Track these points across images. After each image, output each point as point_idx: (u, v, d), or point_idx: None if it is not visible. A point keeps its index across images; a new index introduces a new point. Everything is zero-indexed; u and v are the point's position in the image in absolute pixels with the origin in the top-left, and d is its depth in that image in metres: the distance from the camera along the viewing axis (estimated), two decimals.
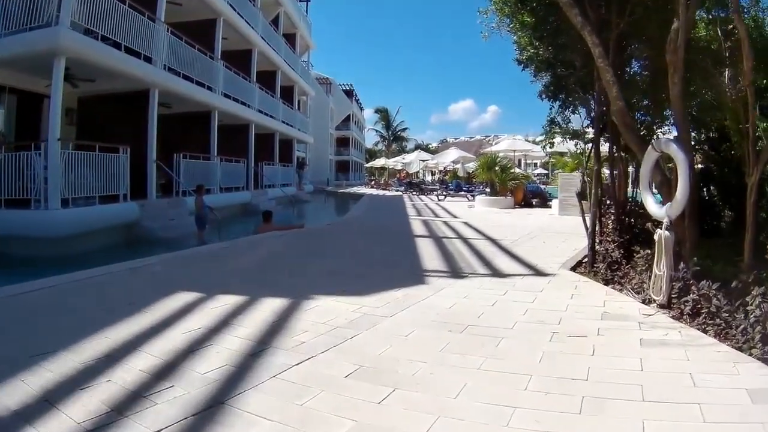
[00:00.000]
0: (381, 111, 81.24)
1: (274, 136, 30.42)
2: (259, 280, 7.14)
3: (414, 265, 8.30)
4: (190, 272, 7.67)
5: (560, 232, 13.08)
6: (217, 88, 21.78)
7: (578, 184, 17.08)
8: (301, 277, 7.32)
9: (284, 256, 9.35)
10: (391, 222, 15.99)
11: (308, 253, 9.47)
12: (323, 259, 8.92)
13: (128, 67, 15.45)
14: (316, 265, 8.22)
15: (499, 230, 13.13)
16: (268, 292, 6.22)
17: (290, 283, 6.89)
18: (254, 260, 8.81)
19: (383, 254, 9.62)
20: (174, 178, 17.94)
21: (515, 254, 9.43)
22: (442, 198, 28.53)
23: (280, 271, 7.75)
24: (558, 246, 10.56)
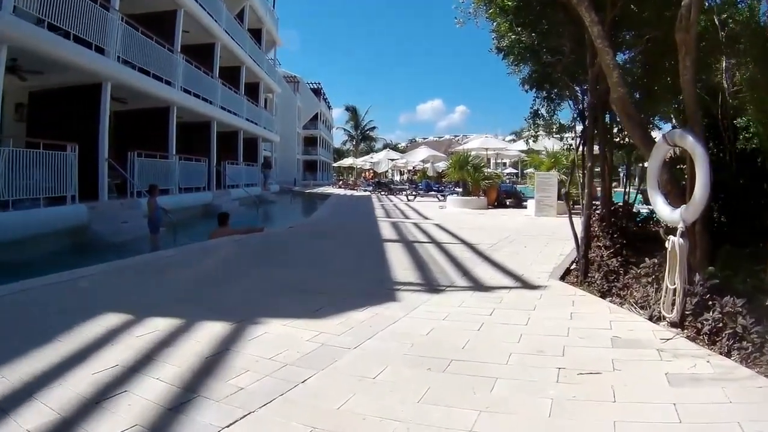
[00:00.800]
0: (350, 109, 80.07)
1: (238, 135, 29.13)
2: (202, 297, 6.01)
3: (383, 276, 7.26)
4: (124, 287, 6.50)
5: (540, 234, 12.21)
6: (176, 82, 20.52)
7: (556, 184, 16.37)
8: (252, 292, 6.20)
9: (236, 265, 8.18)
10: (358, 224, 14.94)
11: (264, 262, 8.36)
12: (281, 269, 7.80)
13: (78, 58, 14.16)
14: (271, 277, 7.12)
15: (474, 233, 12.18)
16: (211, 313, 5.12)
17: (239, 301, 5.79)
18: (201, 271, 7.65)
19: (349, 262, 8.54)
20: (127, 178, 16.65)
21: (496, 261, 8.46)
22: (411, 198, 27.52)
23: (229, 286, 6.61)
24: (541, 251, 9.65)
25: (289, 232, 12.36)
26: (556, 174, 17.08)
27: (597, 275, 6.79)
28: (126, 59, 16.77)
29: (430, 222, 15.00)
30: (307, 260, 8.65)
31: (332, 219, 16.30)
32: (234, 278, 7.06)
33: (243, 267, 7.94)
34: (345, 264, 8.34)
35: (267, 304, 5.58)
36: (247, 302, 5.67)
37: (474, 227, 13.69)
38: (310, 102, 67.13)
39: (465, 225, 14.20)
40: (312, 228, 13.77)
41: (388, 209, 20.58)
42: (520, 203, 20.85)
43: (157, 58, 18.93)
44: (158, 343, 4.28)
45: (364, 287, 6.52)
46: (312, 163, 69.98)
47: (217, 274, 7.46)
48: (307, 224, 14.99)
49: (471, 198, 20.07)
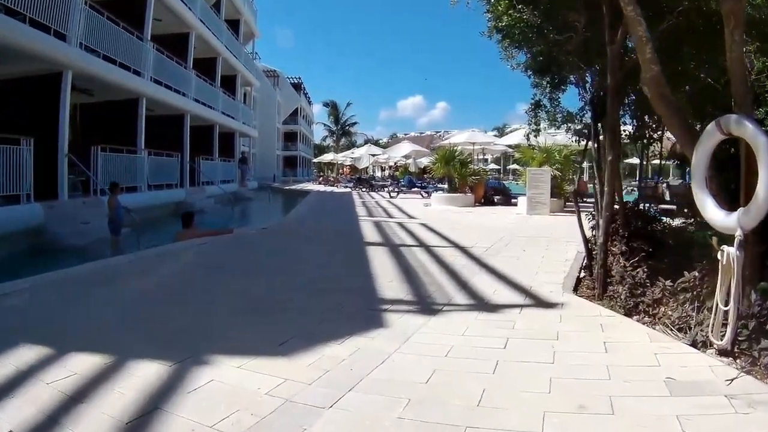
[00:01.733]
0: (330, 104, 78.47)
1: (214, 129, 27.77)
2: (146, 319, 4.82)
3: (367, 290, 6.13)
4: (59, 306, 5.26)
5: (537, 236, 11.23)
6: (146, 72, 19.19)
7: (548, 180, 15.36)
8: (205, 315, 5.01)
9: (195, 276, 6.99)
10: (338, 224, 13.79)
11: (228, 272, 7.18)
12: (246, 280, 6.62)
13: (35, 44, 12.81)
14: (233, 293, 5.93)
15: (465, 234, 11.13)
16: (150, 346, 3.97)
17: (189, 325, 4.62)
18: (154, 284, 6.45)
19: (326, 272, 7.34)
20: (89, 174, 15.35)
21: (496, 269, 7.38)
22: (394, 195, 26.35)
23: (182, 303, 5.43)
24: (543, 255, 8.62)
25: (262, 233, 11.15)
26: (549, 170, 16.06)
27: (620, 289, 5.74)
28: (90, 46, 15.45)
29: (416, 221, 13.91)
30: (278, 269, 7.47)
31: (310, 218, 15.15)
32: (190, 293, 5.89)
33: (202, 278, 6.74)
34: (322, 274, 7.16)
35: (223, 332, 4.43)
36: (198, 328, 4.52)
37: (463, 227, 12.62)
38: (291, 97, 65.61)
39: (453, 225, 13.14)
40: (287, 228, 12.61)
41: (370, 207, 19.43)
42: (508, 200, 19.82)
43: (125, 45, 17.58)
44: (71, 395, 3.14)
45: (343, 306, 5.39)
46: (292, 158, 68.49)
47: (172, 286, 6.27)
48: (282, 224, 13.87)
49: (457, 195, 18.99)
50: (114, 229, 12.58)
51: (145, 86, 19.07)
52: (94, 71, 15.72)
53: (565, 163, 17.28)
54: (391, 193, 26.84)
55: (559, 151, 17.32)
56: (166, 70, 21.08)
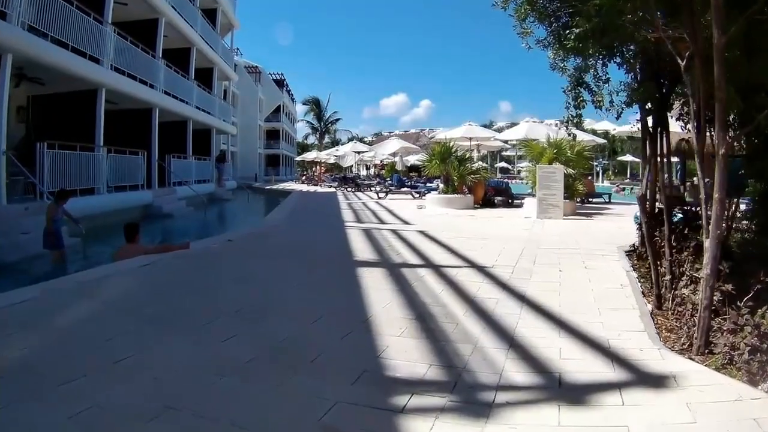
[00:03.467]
0: (311, 101, 75.84)
1: (187, 125, 25.37)
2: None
3: (368, 357, 3.96)
4: None
5: (562, 247, 9.27)
6: (105, 60, 16.86)
7: (561, 179, 13.40)
8: (104, 415, 2.89)
9: (114, 326, 4.65)
10: (321, 233, 11.60)
11: (165, 316, 4.93)
12: (189, 333, 4.44)
13: None
14: (159, 364, 3.74)
15: (475, 246, 9.11)
16: None
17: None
18: (47, 342, 4.18)
19: (304, 317, 4.92)
20: (29, 176, 13.07)
21: (542, 307, 5.32)
22: (382, 195, 24.15)
23: (71, 392, 3.26)
24: (588, 278, 6.71)
25: (227, 247, 8.87)
26: (562, 168, 14.04)
27: (731, 339, 3.74)
28: (34, 26, 13.19)
29: (413, 228, 11.80)
30: (235, 312, 5.09)
31: (289, 225, 12.93)
32: (92, 365, 3.68)
33: (122, 331, 4.45)
34: (298, 321, 4.83)
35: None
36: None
37: (471, 236, 10.58)
38: (273, 93, 63.08)
39: (458, 232, 11.11)
40: (259, 240, 10.37)
41: (358, 210, 17.25)
42: (510, 202, 17.79)
43: (80, 28, 15.28)
44: None
45: (332, 404, 3.15)
46: (274, 157, 65.85)
47: (69, 350, 4.02)
48: (254, 234, 11.38)
49: (456, 196, 16.88)
50: (50, 243, 10.31)
51: (104, 75, 16.76)
52: (42, 56, 13.48)
53: (577, 159, 15.27)
54: (379, 194, 24.61)
55: (571, 147, 15.33)
56: (130, 58, 18.75)
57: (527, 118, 18.09)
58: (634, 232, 11.39)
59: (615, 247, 9.25)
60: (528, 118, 18.02)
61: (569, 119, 8.13)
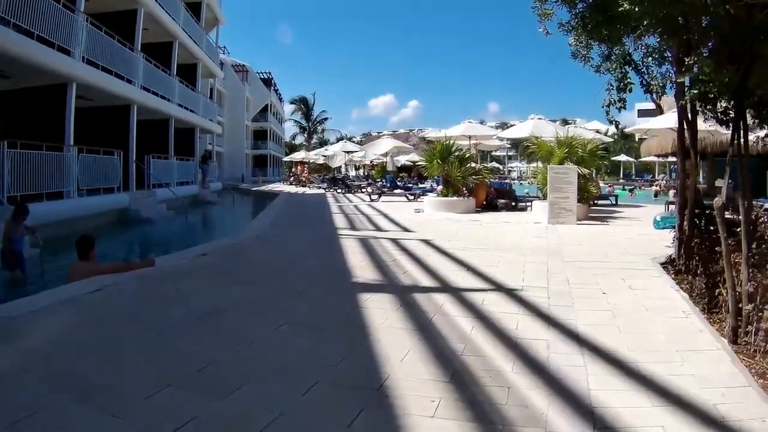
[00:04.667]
0: (299, 100, 73.94)
1: (168, 123, 23.89)
2: None
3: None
4: None
5: (591, 260, 8.00)
6: (76, 51, 15.36)
7: (575, 181, 12.13)
8: None
9: (19, 394, 3.22)
10: (310, 245, 9.92)
11: (97, 379, 3.44)
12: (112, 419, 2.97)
13: None
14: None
15: (493, 260, 7.78)
16: None
17: None
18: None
19: (291, 384, 3.36)
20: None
21: (612, 354, 3.96)
22: (375, 198, 22.65)
23: None
24: (643, 304, 5.42)
25: (198, 266, 7.34)
26: (576, 168, 12.71)
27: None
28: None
29: (415, 237, 10.43)
30: (187, 379, 3.47)
31: (274, 234, 11.33)
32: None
33: (29, 404, 3.10)
34: (282, 395, 3.25)
35: None
36: None
37: (483, 246, 9.23)
38: (260, 92, 61.56)
39: (466, 241, 9.77)
40: (238, 255, 8.61)
41: (350, 215, 15.76)
42: (514, 205, 16.43)
43: (47, 15, 13.83)
44: None
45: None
46: (262, 157, 64.16)
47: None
48: (233, 247, 9.48)
49: (456, 199, 15.48)
50: (10, 264, 8.82)
51: (75, 68, 15.28)
52: (2, 45, 12.02)
53: (589, 159, 13.96)
54: (371, 196, 23.11)
55: (582, 145, 14.03)
56: (105, 50, 17.27)
57: (532, 115, 16.77)
58: (658, 240, 10.20)
59: (648, 259, 8.01)
60: (533, 115, 16.71)
61: (611, 103, 6.86)
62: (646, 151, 29.04)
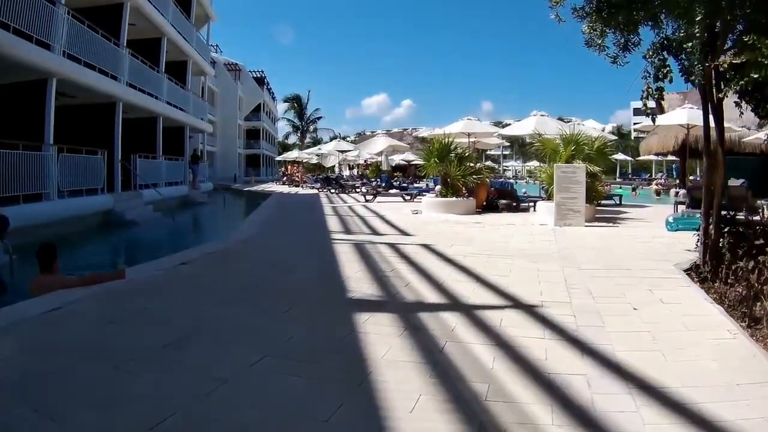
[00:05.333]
0: (292, 99, 72.74)
1: (157, 122, 23.04)
2: None
3: None
4: None
5: (609, 266, 7.32)
6: (56, 45, 14.49)
7: (583, 181, 11.39)
8: None
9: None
10: (301, 251, 9.09)
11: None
12: None
13: None
14: None
15: (503, 268, 7.04)
16: None
17: None
18: None
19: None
20: None
21: (664, 393, 3.18)
22: (370, 198, 21.80)
23: None
24: (681, 321, 4.73)
25: (175, 278, 6.46)
26: (585, 167, 11.92)
27: None
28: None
29: (415, 241, 9.64)
30: (154, 420, 2.80)
31: (262, 240, 10.42)
32: None
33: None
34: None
35: None
36: None
37: (489, 252, 8.45)
38: (253, 91, 60.47)
39: (470, 246, 9.01)
40: (221, 265, 7.70)
41: (345, 216, 14.96)
42: (516, 206, 15.63)
43: (24, 7, 12.96)
44: None
45: None
46: (255, 157, 63.01)
47: None
48: (217, 254, 8.52)
49: (456, 200, 14.67)
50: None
51: (55, 63, 14.40)
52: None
53: (597, 157, 13.18)
54: (366, 196, 22.26)
55: (590, 143, 13.27)
56: (88, 45, 16.39)
57: (534, 112, 15.95)
58: (674, 243, 9.47)
59: (670, 265, 7.33)
60: (536, 111, 15.90)
61: (648, 93, 6.12)
62: (646, 150, 28.45)
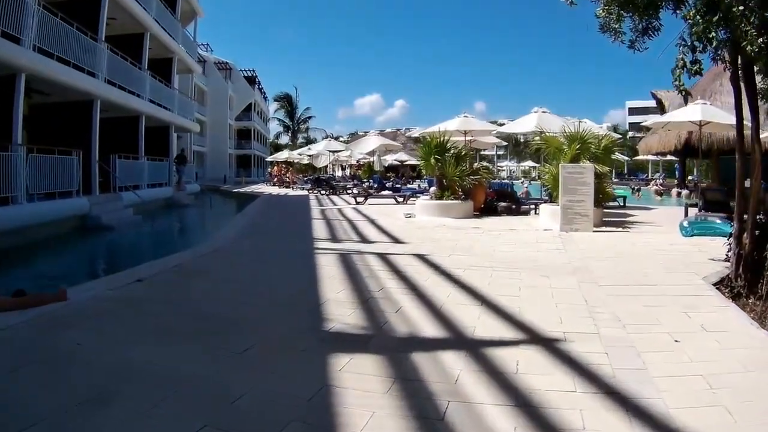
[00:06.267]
0: (282, 97, 71.17)
1: (139, 121, 21.90)
2: None
3: None
4: None
5: (631, 283, 6.28)
6: (26, 39, 13.39)
7: (592, 182, 10.45)
8: None
9: None
10: (279, 263, 7.91)
11: None
12: None
13: None
14: None
15: (512, 287, 6.05)
16: None
17: None
18: None
19: None
20: None
21: None
22: (360, 200, 20.65)
23: None
24: (736, 358, 3.76)
25: (123, 301, 5.21)
26: (593, 167, 10.91)
27: None
28: None
29: (407, 250, 8.61)
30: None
31: (237, 249, 9.29)
32: None
33: None
34: None
35: None
36: None
37: (493, 263, 7.44)
38: (244, 91, 59.31)
39: (471, 256, 8.02)
40: (181, 283, 6.52)
41: (332, 220, 13.92)
42: (516, 208, 14.62)
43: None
44: None
45: None
46: (246, 158, 61.73)
47: None
48: (181, 268, 7.28)
49: (453, 202, 13.64)
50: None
51: (24, 57, 13.30)
52: None
53: (604, 156, 12.16)
54: (357, 198, 21.24)
55: (596, 141, 12.26)
56: (62, 39, 15.27)
57: (536, 108, 14.87)
58: (694, 251, 8.55)
59: (698, 278, 6.46)
60: (537, 108, 14.82)
61: (684, 65, 5.15)
62: (645, 150, 27.52)
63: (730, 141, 22.28)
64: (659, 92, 27.10)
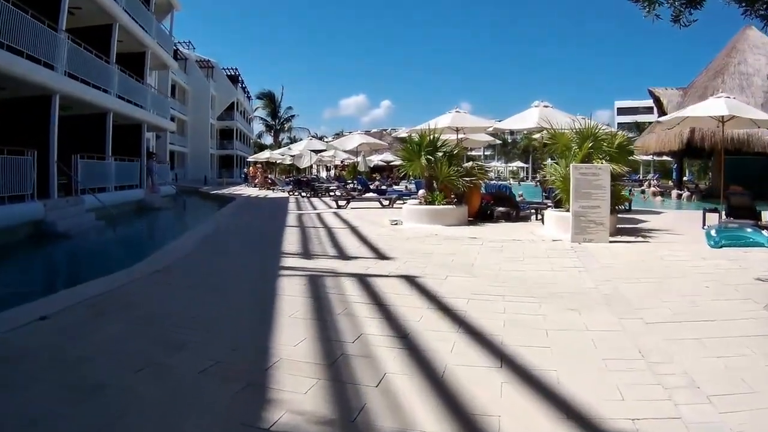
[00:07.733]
0: (265, 96, 69.02)
1: (106, 118, 20.20)
2: None
3: None
4: None
5: (681, 319, 4.71)
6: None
7: (608, 185, 9.01)
8: None
9: None
10: (229, 292, 6.01)
11: None
12: None
13: None
14: None
15: (535, 328, 4.60)
16: None
17: None
18: None
19: None
20: None
21: None
22: (343, 204, 18.97)
23: None
24: None
25: (10, 350, 3.90)
26: (609, 167, 9.40)
27: None
28: None
29: (394, 271, 7.06)
30: None
31: (186, 268, 7.48)
32: None
33: None
34: None
35: None
36: None
37: (500, 289, 5.94)
38: (227, 90, 57.43)
39: (473, 280, 6.53)
40: (87, 327, 4.57)
41: (309, 228, 12.29)
42: (515, 213, 13.05)
43: None
44: None
45: None
46: (228, 158, 59.80)
47: None
48: (97, 301, 5.37)
49: (445, 207, 12.04)
50: None
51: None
52: None
53: (618, 155, 10.60)
54: (338, 201, 19.56)
55: (609, 139, 10.74)
56: (14, 27, 13.59)
57: (537, 102, 13.32)
58: (734, 268, 7.13)
59: (760, 308, 5.07)
60: (538, 102, 13.23)
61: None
62: (642, 149, 26.30)
63: (736, 141, 21.17)
64: (657, 90, 25.92)
